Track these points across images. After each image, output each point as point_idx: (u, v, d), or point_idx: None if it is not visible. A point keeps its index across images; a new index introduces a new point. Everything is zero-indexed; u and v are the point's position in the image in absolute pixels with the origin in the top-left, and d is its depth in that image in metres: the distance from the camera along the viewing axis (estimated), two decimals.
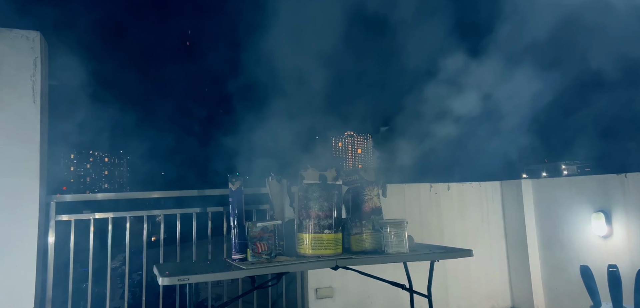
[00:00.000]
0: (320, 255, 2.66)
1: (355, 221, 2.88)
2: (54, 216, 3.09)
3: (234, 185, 2.76)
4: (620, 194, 3.63)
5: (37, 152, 2.90)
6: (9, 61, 2.91)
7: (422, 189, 4.43)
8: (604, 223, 3.68)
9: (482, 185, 4.67)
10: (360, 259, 2.76)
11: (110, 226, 3.26)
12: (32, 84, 2.93)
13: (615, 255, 3.59)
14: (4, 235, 2.79)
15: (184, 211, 3.46)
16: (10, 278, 2.78)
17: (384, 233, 2.78)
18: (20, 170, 2.86)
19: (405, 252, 2.75)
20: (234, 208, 2.75)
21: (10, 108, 2.88)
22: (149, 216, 3.46)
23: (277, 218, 2.87)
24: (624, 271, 3.08)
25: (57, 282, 3.07)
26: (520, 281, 4.48)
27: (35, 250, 2.85)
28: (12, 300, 2.78)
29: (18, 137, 2.88)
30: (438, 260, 2.90)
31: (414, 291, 3.21)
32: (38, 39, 2.98)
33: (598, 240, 3.76)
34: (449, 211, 4.49)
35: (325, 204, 2.69)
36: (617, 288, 3.00)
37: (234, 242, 2.72)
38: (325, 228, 2.67)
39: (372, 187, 2.92)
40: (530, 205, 4.44)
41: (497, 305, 4.54)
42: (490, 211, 4.64)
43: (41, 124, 2.95)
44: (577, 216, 3.97)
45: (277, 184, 2.97)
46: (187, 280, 2.29)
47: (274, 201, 2.97)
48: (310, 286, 3.84)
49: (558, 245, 4.17)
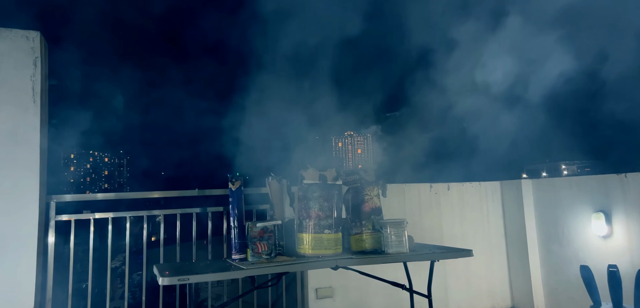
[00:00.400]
0: (320, 255, 2.65)
1: (355, 221, 2.88)
2: (54, 216, 3.09)
3: (234, 185, 2.76)
4: (620, 194, 3.62)
5: (37, 152, 2.90)
6: (9, 61, 2.91)
7: (422, 189, 4.43)
8: (604, 223, 3.68)
9: (482, 185, 4.67)
10: (360, 259, 2.76)
11: (110, 226, 3.26)
12: (32, 84, 2.93)
13: (615, 255, 3.58)
14: (4, 235, 2.79)
15: (184, 211, 3.46)
16: (10, 278, 2.78)
17: (384, 233, 2.78)
18: (20, 170, 2.86)
19: (405, 252, 2.75)
20: (234, 208, 2.75)
21: (10, 108, 2.88)
22: (149, 216, 3.46)
23: (277, 218, 2.87)
24: (624, 271, 3.08)
25: (57, 282, 3.07)
26: (520, 281, 4.48)
27: (35, 250, 2.84)
28: (12, 300, 2.78)
29: (18, 137, 2.87)
30: (438, 260, 2.91)
31: (414, 291, 3.21)
32: (38, 39, 2.98)
33: (598, 240, 3.76)
34: (449, 211, 4.49)
35: (325, 204, 2.69)
36: (617, 288, 3.00)
37: (234, 242, 2.72)
38: (325, 228, 2.67)
39: (372, 187, 2.92)
40: (530, 205, 4.44)
41: (497, 304, 4.54)
42: (490, 211, 4.64)
43: (41, 124, 2.95)
44: (577, 216, 3.97)
45: (277, 184, 2.97)
46: (187, 280, 2.29)
47: (274, 201, 2.97)
48: (310, 286, 3.84)
49: (558, 245, 4.17)
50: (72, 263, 3.32)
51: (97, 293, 3.32)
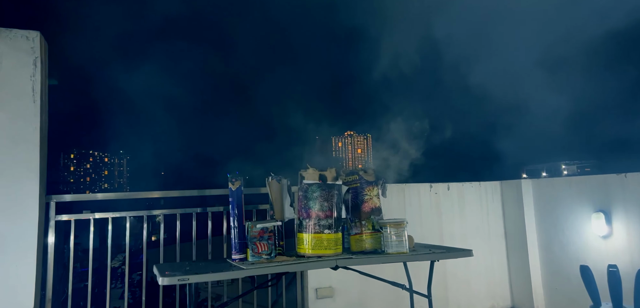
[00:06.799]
0: (320, 255, 2.65)
1: (355, 221, 2.88)
2: (54, 216, 3.09)
3: (234, 185, 2.76)
4: (620, 194, 3.62)
5: (37, 152, 2.90)
6: (8, 61, 2.91)
7: (422, 189, 4.43)
8: (604, 223, 3.68)
9: (482, 185, 4.67)
10: (360, 259, 2.76)
11: (110, 226, 3.26)
12: (32, 84, 2.93)
13: (615, 255, 3.58)
14: (4, 235, 2.79)
15: (184, 211, 3.46)
16: (10, 278, 2.78)
17: (384, 233, 2.78)
18: (20, 170, 2.86)
19: (405, 252, 2.75)
20: (234, 208, 2.75)
21: (10, 108, 2.88)
22: (149, 216, 3.46)
23: (277, 218, 2.86)
24: (624, 271, 3.08)
25: (57, 282, 3.07)
26: (520, 281, 4.48)
27: (35, 250, 2.84)
28: (12, 300, 2.78)
29: (18, 137, 2.87)
30: (438, 260, 2.90)
31: (414, 291, 3.21)
32: (38, 39, 2.98)
33: (598, 240, 3.76)
34: (449, 211, 4.49)
35: (325, 204, 2.69)
36: (617, 288, 3.00)
37: (234, 242, 2.72)
38: (325, 228, 2.67)
39: (372, 187, 2.92)
40: (530, 205, 4.44)
41: (497, 305, 4.54)
42: (490, 211, 4.64)
43: (41, 124, 2.95)
44: (577, 216, 3.97)
45: (277, 184, 2.97)
46: (187, 280, 2.29)
47: (274, 201, 2.97)
48: (310, 286, 3.84)
49: (558, 245, 4.17)
50: (72, 263, 3.32)
51: (97, 294, 3.32)
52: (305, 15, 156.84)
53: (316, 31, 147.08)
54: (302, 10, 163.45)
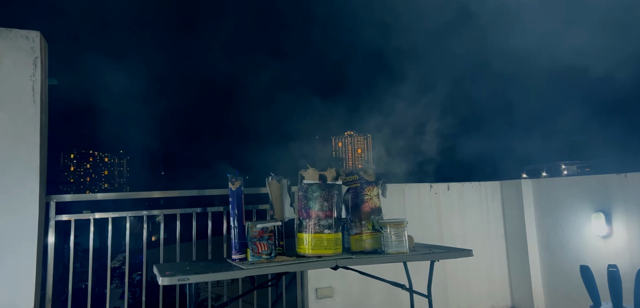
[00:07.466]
0: (320, 255, 2.65)
1: (355, 221, 2.88)
2: (54, 216, 3.09)
3: (234, 185, 2.76)
4: (620, 194, 3.62)
5: (37, 151, 2.90)
6: (9, 61, 2.91)
7: (422, 189, 4.43)
8: (604, 223, 3.68)
9: (482, 185, 4.67)
10: (360, 259, 2.76)
11: (110, 226, 3.26)
12: (32, 84, 2.93)
13: (615, 255, 3.58)
14: (4, 235, 2.79)
15: (184, 211, 3.46)
16: (10, 277, 2.78)
17: (384, 233, 2.78)
18: (21, 170, 2.86)
19: (405, 252, 2.75)
20: (234, 208, 2.75)
21: (10, 108, 2.88)
22: (149, 216, 3.46)
23: (277, 218, 2.86)
24: (624, 271, 3.08)
25: (57, 282, 3.07)
26: (520, 281, 4.48)
27: (35, 250, 2.85)
28: (12, 300, 2.78)
29: (18, 137, 2.87)
30: (438, 260, 2.90)
31: (414, 291, 3.21)
32: (38, 39, 2.98)
33: (598, 240, 3.76)
34: (449, 211, 4.49)
35: (325, 204, 2.69)
36: (617, 288, 3.00)
37: (234, 242, 2.72)
38: (325, 228, 2.67)
39: (372, 187, 2.92)
40: (530, 205, 4.44)
41: (497, 305, 4.54)
42: (490, 211, 4.64)
43: (41, 123, 2.95)
44: (577, 216, 3.97)
45: (277, 184, 2.97)
46: (187, 280, 2.29)
47: (274, 201, 2.97)
48: (310, 286, 3.84)
49: (558, 245, 4.17)
50: (72, 263, 3.32)
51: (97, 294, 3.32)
52: (306, 14, 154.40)
53: (316, 31, 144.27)
54: (302, 10, 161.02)
